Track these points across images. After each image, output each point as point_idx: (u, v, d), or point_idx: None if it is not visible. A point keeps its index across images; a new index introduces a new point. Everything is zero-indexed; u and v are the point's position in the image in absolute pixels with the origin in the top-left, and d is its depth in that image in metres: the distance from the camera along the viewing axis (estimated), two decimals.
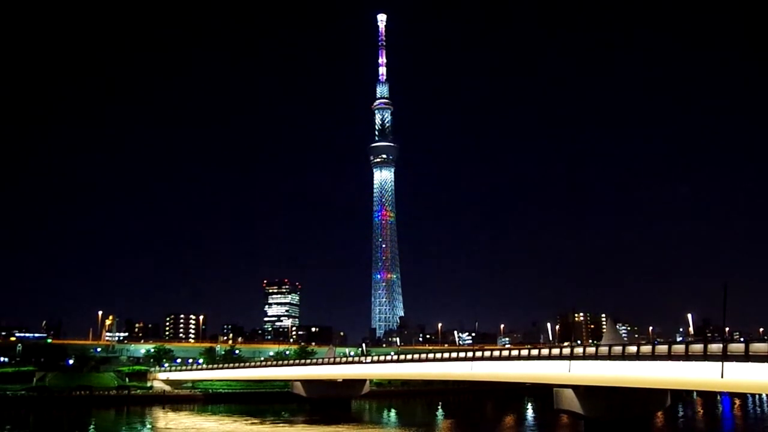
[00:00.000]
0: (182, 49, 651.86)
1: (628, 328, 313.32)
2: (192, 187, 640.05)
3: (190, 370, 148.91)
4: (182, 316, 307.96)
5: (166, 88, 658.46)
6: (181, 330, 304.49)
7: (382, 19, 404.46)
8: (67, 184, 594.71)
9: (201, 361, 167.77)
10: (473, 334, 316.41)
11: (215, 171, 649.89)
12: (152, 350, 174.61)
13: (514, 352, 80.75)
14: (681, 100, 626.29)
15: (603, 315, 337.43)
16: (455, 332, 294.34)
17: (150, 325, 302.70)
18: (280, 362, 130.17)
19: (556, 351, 73.58)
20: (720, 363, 52.65)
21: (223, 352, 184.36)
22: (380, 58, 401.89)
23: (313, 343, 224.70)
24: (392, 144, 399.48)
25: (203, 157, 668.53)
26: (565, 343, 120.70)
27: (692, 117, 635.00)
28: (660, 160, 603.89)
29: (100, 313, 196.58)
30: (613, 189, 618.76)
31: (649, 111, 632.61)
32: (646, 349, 61.85)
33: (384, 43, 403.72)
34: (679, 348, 58.41)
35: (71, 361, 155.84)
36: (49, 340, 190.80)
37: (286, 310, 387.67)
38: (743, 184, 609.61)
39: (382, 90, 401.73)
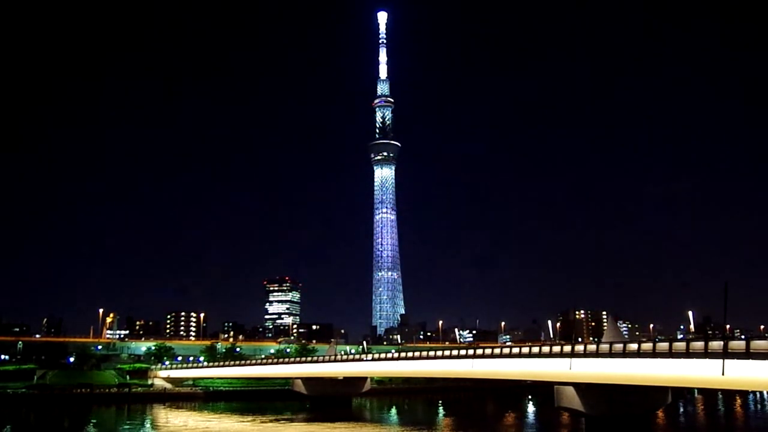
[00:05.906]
0: (182, 47, 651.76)
1: (629, 326, 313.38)
2: (193, 185, 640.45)
3: (191, 367, 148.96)
4: (183, 313, 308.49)
5: (168, 88, 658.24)
6: (182, 328, 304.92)
7: (382, 16, 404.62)
8: (69, 182, 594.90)
9: (202, 358, 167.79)
10: (474, 332, 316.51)
11: (216, 168, 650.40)
12: (153, 348, 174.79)
13: (515, 350, 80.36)
14: (683, 100, 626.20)
15: (604, 312, 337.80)
16: (456, 330, 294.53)
17: (151, 323, 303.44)
18: (281, 360, 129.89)
19: (557, 349, 73.33)
20: (721, 360, 52.45)
21: (223, 350, 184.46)
22: (381, 55, 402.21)
23: (314, 341, 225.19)
24: (393, 142, 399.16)
25: (204, 154, 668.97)
26: (566, 341, 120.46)
27: (693, 116, 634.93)
28: (661, 159, 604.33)
29: (100, 310, 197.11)
30: (615, 187, 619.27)
31: (650, 110, 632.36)
32: (647, 346, 61.65)
33: (385, 41, 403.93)
34: (680, 345, 58.21)
35: (72, 359, 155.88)
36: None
37: (287, 308, 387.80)
38: (744, 183, 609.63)
39: (382, 87, 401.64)
